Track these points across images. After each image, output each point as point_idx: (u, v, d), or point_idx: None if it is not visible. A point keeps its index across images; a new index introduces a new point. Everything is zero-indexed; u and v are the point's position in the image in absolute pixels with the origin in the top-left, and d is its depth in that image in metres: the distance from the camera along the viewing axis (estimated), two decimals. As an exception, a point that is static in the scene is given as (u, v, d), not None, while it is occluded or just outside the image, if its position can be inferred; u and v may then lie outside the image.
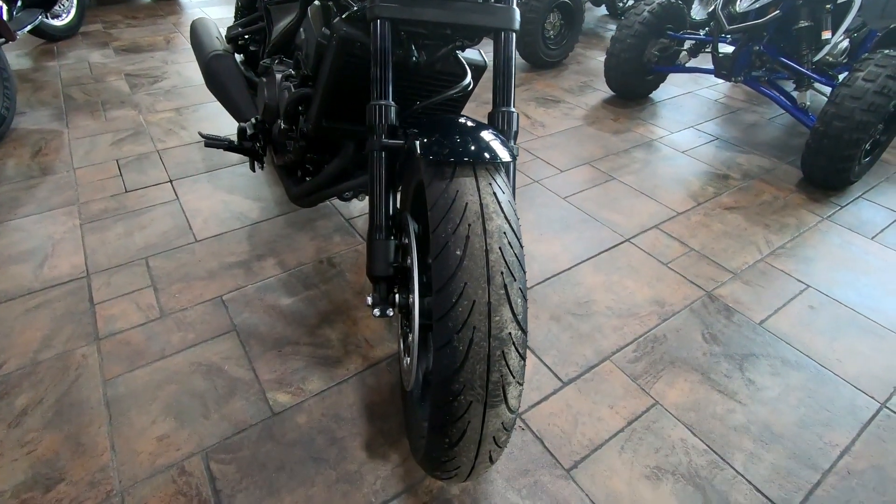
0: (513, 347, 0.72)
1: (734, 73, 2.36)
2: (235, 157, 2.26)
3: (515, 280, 0.73)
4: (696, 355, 1.43)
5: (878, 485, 1.14)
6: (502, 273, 0.72)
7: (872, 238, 1.94)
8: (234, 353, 1.37)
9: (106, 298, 1.53)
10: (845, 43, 2.45)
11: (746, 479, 1.13)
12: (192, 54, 3.43)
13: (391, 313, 1.00)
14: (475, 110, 2.80)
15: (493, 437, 0.76)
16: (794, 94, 2.39)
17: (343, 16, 1.05)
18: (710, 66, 2.70)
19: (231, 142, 1.59)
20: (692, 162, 2.40)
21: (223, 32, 2.36)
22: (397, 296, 1.00)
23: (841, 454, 1.20)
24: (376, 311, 0.99)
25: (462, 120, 0.94)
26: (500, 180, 0.80)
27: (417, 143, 0.84)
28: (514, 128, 1.00)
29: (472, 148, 0.80)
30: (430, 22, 0.98)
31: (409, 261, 0.95)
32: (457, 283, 0.71)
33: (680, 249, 1.83)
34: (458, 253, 0.72)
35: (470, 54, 1.23)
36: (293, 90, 1.37)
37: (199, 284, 1.58)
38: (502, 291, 0.72)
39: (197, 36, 1.96)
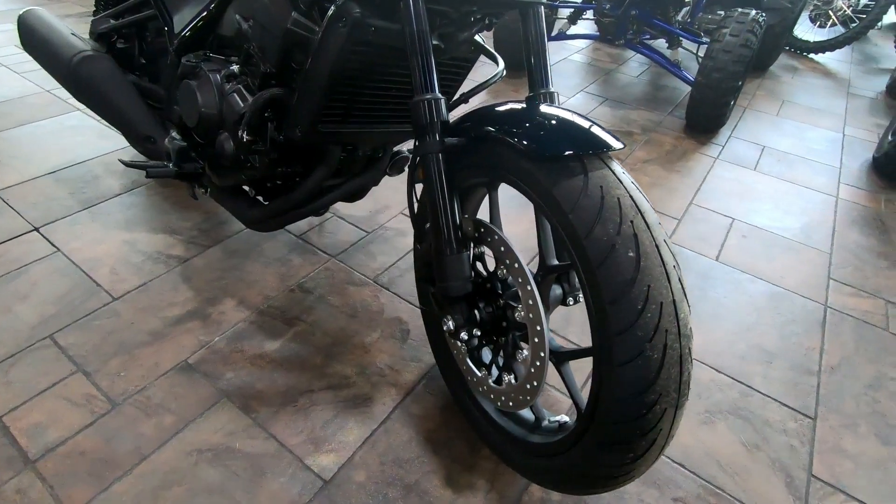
0: (692, 341, 0.69)
1: (617, 37, 2.57)
2: (116, 184, 1.80)
3: (680, 271, 0.69)
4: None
5: (854, 373, 1.38)
6: (675, 266, 0.67)
7: (754, 169, 2.30)
8: (238, 425, 1.11)
9: (15, 404, 1.12)
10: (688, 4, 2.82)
11: (772, 398, 1.28)
12: (-18, 59, 2.62)
13: (479, 333, 0.90)
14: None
15: (673, 436, 0.72)
16: (668, 52, 2.69)
17: (351, -6, 0.86)
18: (588, 33, 2.89)
19: (168, 166, 1.25)
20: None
21: (69, 26, 1.78)
22: (477, 313, 0.89)
23: (821, 355, 1.42)
24: (464, 335, 0.88)
25: (518, 105, 0.85)
26: (624, 168, 0.75)
27: (514, 139, 0.74)
28: (558, 109, 0.94)
29: (585, 136, 0.73)
30: (458, -1, 0.85)
31: (501, 272, 0.85)
32: (639, 287, 0.65)
33: (626, 206, 1.96)
34: (632, 255, 0.65)
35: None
36: (244, 92, 1.12)
37: (147, 353, 1.25)
38: (679, 286, 0.67)
39: (36, 34, 1.48)
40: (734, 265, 1.71)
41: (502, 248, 0.83)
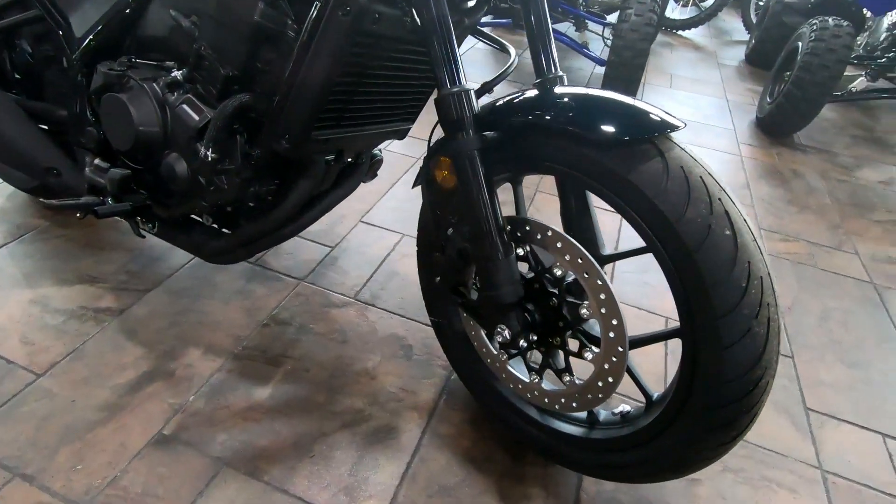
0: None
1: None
2: (-2, 232, 1.45)
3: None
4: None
5: (806, 309, 1.54)
6: (762, 237, 0.67)
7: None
8: (251, 494, 0.94)
9: (-66, 541, 0.84)
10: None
11: (754, 346, 1.39)
12: None
13: (535, 338, 0.84)
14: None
15: (762, 404, 0.73)
16: (575, 34, 2.80)
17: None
18: (495, 20, 2.92)
19: (108, 202, 1.01)
20: (522, 108, 2.61)
21: None
22: (528, 315, 0.84)
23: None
24: (523, 343, 0.82)
25: (551, 92, 0.81)
26: None
27: (573, 127, 0.69)
28: (568, 94, 0.91)
29: (648, 117, 0.70)
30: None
31: (557, 269, 0.80)
32: (740, 265, 0.63)
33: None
34: (728, 233, 0.64)
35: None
36: (197, 103, 0.94)
37: (105, 433, 1.01)
38: (768, 256, 0.67)
39: None
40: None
41: (559, 244, 0.77)
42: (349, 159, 1.10)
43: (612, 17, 3.05)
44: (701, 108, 2.87)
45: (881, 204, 2.19)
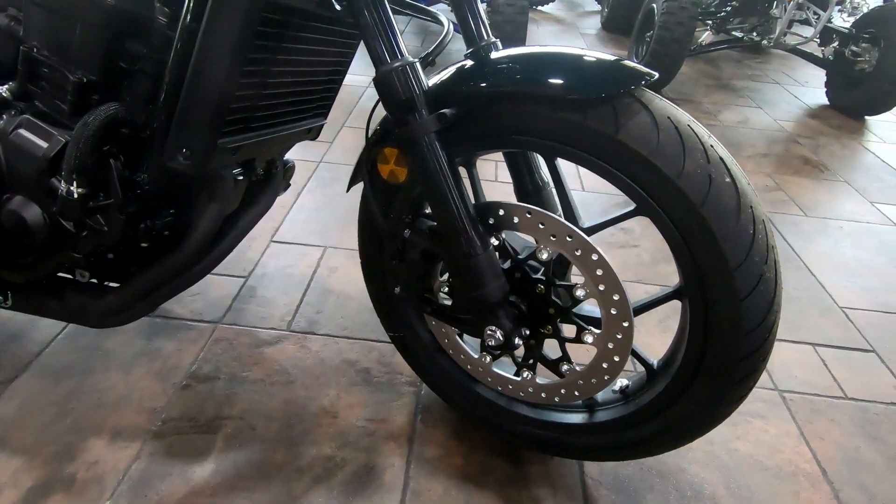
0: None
1: (427, 2, 2.52)
2: None
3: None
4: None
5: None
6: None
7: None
8: None
9: None
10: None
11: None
12: None
13: (528, 332, 0.76)
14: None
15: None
16: (451, 15, 2.75)
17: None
18: None
19: None
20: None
21: None
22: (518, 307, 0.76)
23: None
24: (518, 341, 0.73)
25: (495, 57, 0.74)
26: None
27: (547, 89, 0.61)
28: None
29: (621, 69, 0.64)
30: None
31: (542, 252, 0.72)
32: (745, 212, 0.60)
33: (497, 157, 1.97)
34: (728, 180, 0.60)
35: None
36: (39, 123, 0.72)
37: (-8, 585, 0.75)
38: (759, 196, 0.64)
39: None
40: (594, 190, 1.88)
41: (542, 224, 0.69)
42: (260, 170, 0.92)
43: (483, -5, 3.06)
44: (578, 76, 3.00)
45: (745, 141, 2.45)
